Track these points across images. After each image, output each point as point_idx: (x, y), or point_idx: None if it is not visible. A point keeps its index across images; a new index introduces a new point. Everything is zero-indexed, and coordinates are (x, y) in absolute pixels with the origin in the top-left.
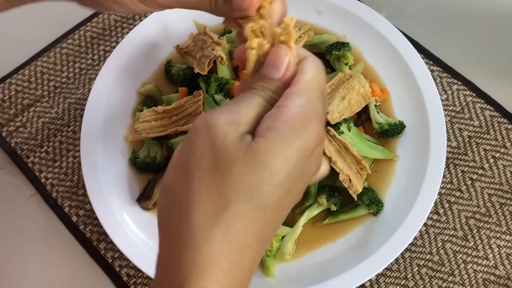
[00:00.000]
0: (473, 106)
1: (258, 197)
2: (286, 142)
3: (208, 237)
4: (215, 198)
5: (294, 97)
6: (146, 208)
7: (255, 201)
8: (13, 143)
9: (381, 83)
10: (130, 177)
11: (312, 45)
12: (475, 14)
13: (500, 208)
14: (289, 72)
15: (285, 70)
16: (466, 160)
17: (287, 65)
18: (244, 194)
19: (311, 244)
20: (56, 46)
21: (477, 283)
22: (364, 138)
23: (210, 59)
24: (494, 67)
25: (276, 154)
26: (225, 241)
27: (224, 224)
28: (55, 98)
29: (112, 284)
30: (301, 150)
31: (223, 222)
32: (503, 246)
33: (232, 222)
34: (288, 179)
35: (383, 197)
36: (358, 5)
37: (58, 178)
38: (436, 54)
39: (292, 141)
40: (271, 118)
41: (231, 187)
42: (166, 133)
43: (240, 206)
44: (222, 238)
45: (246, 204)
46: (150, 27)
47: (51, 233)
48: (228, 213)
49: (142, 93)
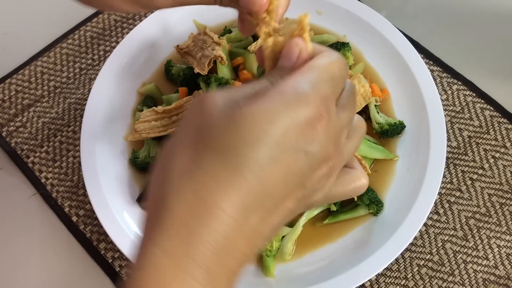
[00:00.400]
0: (473, 106)
1: (233, 156)
2: (272, 106)
3: (178, 195)
4: (191, 156)
5: (294, 74)
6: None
7: (229, 160)
8: (13, 143)
9: (381, 83)
10: (130, 177)
11: None
12: (475, 14)
13: (500, 208)
14: (300, 60)
15: (297, 59)
16: (466, 160)
17: (299, 54)
18: (219, 152)
19: (311, 244)
20: (56, 46)
21: (477, 283)
22: (364, 138)
23: (210, 59)
24: (494, 67)
25: (258, 114)
26: (195, 197)
27: (195, 181)
28: (55, 98)
29: (112, 284)
30: (290, 119)
31: (195, 179)
32: (503, 246)
33: (204, 179)
34: (271, 145)
35: (383, 197)
36: (358, 5)
37: (58, 178)
38: (436, 54)
39: (279, 106)
40: (265, 89)
41: (207, 145)
42: (166, 133)
43: (214, 163)
44: (192, 194)
45: (220, 161)
46: (150, 27)
47: (51, 233)
48: (201, 170)
49: (142, 93)
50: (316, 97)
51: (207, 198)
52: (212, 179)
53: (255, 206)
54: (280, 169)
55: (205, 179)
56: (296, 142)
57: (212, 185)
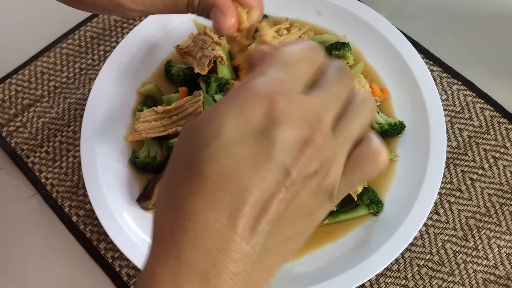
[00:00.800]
0: (473, 106)
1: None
2: (220, 106)
3: (162, 210)
4: (169, 175)
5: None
6: (146, 208)
7: (192, 167)
8: (13, 143)
9: (381, 83)
10: (130, 177)
11: None
12: (475, 14)
13: (500, 208)
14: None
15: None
16: (466, 160)
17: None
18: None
19: (311, 244)
20: (56, 46)
21: (477, 283)
22: None
23: (210, 59)
24: (494, 67)
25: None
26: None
27: (171, 195)
28: (55, 98)
29: (112, 284)
30: (238, 110)
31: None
32: (503, 246)
33: (176, 191)
34: (225, 140)
35: (383, 197)
36: (358, 5)
37: (58, 178)
38: (436, 54)
39: (227, 104)
40: None
41: (177, 162)
42: (166, 133)
43: (182, 175)
44: (170, 207)
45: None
46: (150, 27)
47: (51, 233)
48: (174, 184)
49: (142, 93)
50: (264, 83)
51: (181, 206)
52: (183, 189)
53: (237, 206)
54: (244, 160)
55: (176, 191)
56: (251, 130)
57: (185, 193)
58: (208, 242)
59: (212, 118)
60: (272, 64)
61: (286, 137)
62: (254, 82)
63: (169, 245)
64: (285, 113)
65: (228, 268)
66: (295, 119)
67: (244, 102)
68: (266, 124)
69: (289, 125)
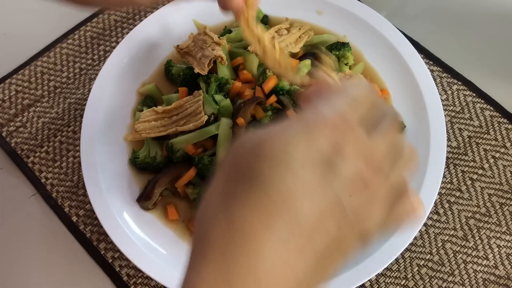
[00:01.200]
0: (473, 106)
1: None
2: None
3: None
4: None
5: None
6: (146, 208)
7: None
8: (13, 143)
9: (381, 83)
10: (130, 177)
11: (312, 45)
12: (475, 14)
13: (500, 208)
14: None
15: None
16: (466, 160)
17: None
18: (248, 179)
19: None
20: (56, 46)
21: (477, 283)
22: None
23: (210, 59)
24: (494, 67)
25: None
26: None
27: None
28: (55, 98)
29: (112, 284)
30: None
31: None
32: (503, 246)
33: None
34: (293, 164)
35: None
36: (358, 5)
37: (58, 178)
38: (436, 54)
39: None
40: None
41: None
42: (166, 133)
43: (244, 189)
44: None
45: (248, 186)
46: (150, 27)
47: (51, 233)
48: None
49: (142, 93)
50: (334, 116)
51: (239, 225)
52: (242, 203)
53: (289, 229)
54: (307, 186)
55: (235, 203)
56: (318, 156)
57: (244, 209)
58: (260, 273)
59: (282, 137)
60: (339, 96)
61: (349, 173)
62: (324, 110)
63: (219, 266)
64: (350, 147)
65: None
66: (359, 156)
67: (313, 127)
68: (332, 153)
69: (353, 160)
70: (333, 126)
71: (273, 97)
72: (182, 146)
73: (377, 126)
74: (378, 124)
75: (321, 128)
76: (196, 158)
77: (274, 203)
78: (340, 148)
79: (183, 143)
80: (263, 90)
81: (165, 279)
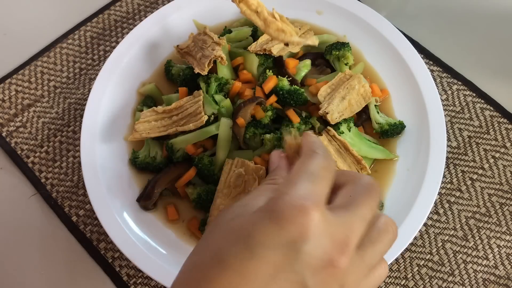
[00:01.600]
0: (473, 106)
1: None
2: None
3: None
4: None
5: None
6: (146, 208)
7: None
8: (13, 143)
9: (381, 83)
10: (130, 177)
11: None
12: (475, 14)
13: (500, 208)
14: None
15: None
16: (466, 160)
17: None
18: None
19: None
20: (56, 46)
21: (477, 283)
22: (364, 138)
23: (210, 59)
24: (494, 67)
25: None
26: None
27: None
28: (55, 98)
29: (112, 284)
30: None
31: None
32: (503, 246)
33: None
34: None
35: (383, 197)
36: (358, 5)
37: (58, 178)
38: (436, 54)
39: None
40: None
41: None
42: (166, 133)
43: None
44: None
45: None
46: (150, 27)
47: (51, 233)
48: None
49: (142, 93)
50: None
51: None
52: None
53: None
54: (267, 265)
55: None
56: (282, 239)
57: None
58: None
59: (246, 219)
60: (301, 175)
61: (312, 252)
62: (288, 195)
63: None
64: (315, 230)
65: None
66: (323, 237)
67: (278, 212)
68: (296, 236)
69: (317, 241)
70: (296, 210)
71: (273, 97)
72: (182, 146)
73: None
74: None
75: (284, 212)
76: (196, 158)
77: (231, 280)
78: (303, 231)
79: (183, 143)
80: (263, 90)
81: (165, 279)
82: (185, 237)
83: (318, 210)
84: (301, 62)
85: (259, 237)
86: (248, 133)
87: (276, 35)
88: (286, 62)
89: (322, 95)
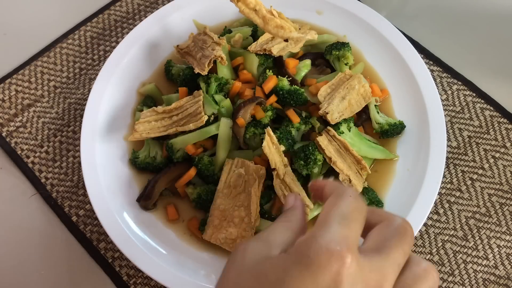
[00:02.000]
0: (473, 106)
1: None
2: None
3: None
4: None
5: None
6: (146, 208)
7: None
8: (13, 143)
9: (381, 83)
10: (130, 177)
11: (312, 45)
12: (475, 14)
13: (500, 208)
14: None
15: None
16: (466, 160)
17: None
18: None
19: None
20: (56, 46)
21: (477, 283)
22: (364, 138)
23: (210, 59)
24: (494, 67)
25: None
26: None
27: None
28: (55, 98)
29: (112, 284)
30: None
31: None
32: (503, 246)
33: None
34: None
35: (383, 197)
36: (358, 5)
37: (58, 178)
38: (436, 54)
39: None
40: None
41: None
42: (166, 133)
43: None
44: None
45: None
46: (150, 27)
47: (51, 233)
48: None
49: (142, 93)
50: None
51: None
52: None
53: None
54: None
55: None
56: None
57: None
58: None
59: (275, 263)
60: (333, 217)
61: None
62: (321, 238)
63: None
64: (349, 277)
65: None
66: (357, 284)
67: (311, 258)
68: (331, 284)
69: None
70: (329, 256)
71: (273, 97)
72: (182, 146)
73: (380, 243)
74: (382, 241)
75: (318, 259)
76: (196, 158)
77: None
78: (338, 280)
79: (183, 143)
80: (263, 90)
81: (165, 279)
82: (185, 237)
83: (352, 257)
84: (301, 62)
85: (293, 284)
86: (248, 133)
87: (275, 32)
88: (286, 62)
89: (322, 95)
